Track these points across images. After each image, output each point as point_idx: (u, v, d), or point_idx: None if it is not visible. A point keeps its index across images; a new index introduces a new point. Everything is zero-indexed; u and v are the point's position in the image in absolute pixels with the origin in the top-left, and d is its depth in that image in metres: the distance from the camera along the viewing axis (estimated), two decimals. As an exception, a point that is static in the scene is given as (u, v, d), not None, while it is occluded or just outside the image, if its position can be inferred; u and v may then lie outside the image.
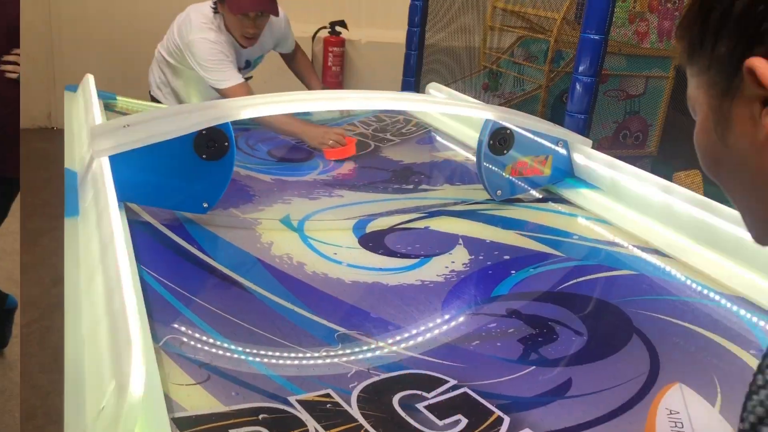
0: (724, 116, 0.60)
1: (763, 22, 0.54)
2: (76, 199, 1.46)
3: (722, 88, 0.59)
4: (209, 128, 1.61)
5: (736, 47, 0.56)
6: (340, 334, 1.30)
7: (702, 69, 0.62)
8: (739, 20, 0.56)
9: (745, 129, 0.57)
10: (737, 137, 0.59)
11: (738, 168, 0.61)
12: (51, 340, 2.72)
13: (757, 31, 0.54)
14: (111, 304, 0.94)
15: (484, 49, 4.64)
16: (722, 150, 0.61)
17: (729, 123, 0.59)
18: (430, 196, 2.09)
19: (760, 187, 0.59)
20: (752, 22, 0.55)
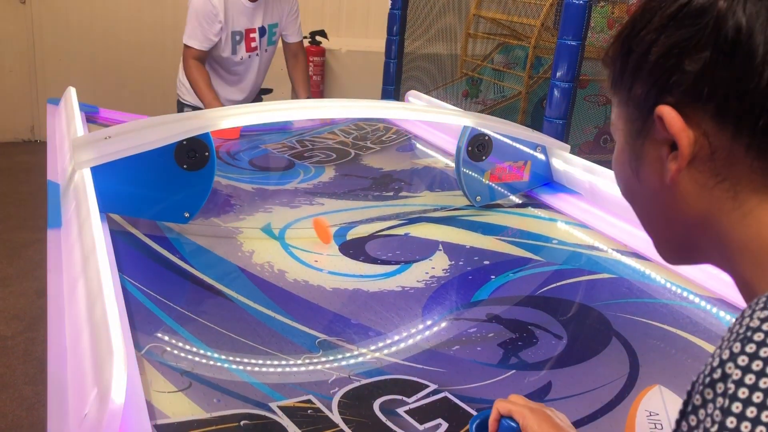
0: (637, 153, 0.64)
1: (673, 75, 0.57)
2: (58, 211, 1.46)
3: (637, 127, 0.63)
4: (190, 138, 1.62)
5: (649, 92, 0.60)
6: (321, 341, 1.32)
7: (622, 102, 0.65)
8: (653, 69, 0.59)
9: (654, 168, 0.62)
10: (648, 174, 0.63)
11: (649, 200, 0.65)
12: (36, 351, 2.71)
13: (667, 82, 0.58)
14: (92, 312, 0.95)
15: (464, 56, 4.67)
16: (635, 182, 0.65)
17: (642, 160, 0.63)
18: (410, 202, 2.11)
19: (670, 218, 0.63)
20: (664, 73, 0.58)
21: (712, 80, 0.56)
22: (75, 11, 5.49)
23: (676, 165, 0.59)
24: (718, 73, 0.55)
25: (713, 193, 0.59)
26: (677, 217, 0.63)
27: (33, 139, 5.70)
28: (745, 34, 0.54)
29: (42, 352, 2.68)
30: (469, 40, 4.64)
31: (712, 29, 0.55)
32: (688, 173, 0.59)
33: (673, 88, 0.58)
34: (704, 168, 0.58)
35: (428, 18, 4.37)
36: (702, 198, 0.59)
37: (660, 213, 0.65)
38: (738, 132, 0.56)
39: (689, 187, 0.60)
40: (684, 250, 0.66)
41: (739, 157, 0.56)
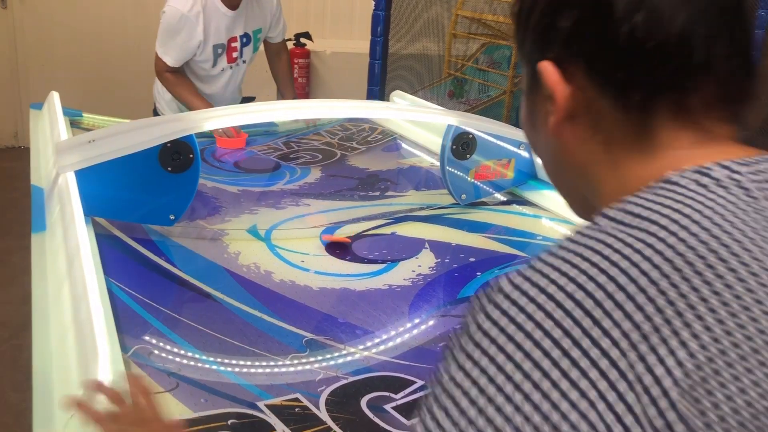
0: (532, 107, 0.66)
1: (551, 32, 0.60)
2: (42, 215, 1.46)
3: (531, 81, 0.65)
4: (174, 141, 1.62)
5: (533, 48, 0.63)
6: (308, 340, 1.32)
7: (520, 59, 0.67)
8: (535, 26, 0.63)
9: (544, 121, 0.64)
10: (541, 126, 0.65)
11: (545, 152, 0.68)
12: (22, 358, 2.69)
13: (546, 38, 0.61)
14: (78, 315, 0.95)
15: (449, 57, 4.67)
16: (534, 134, 0.68)
17: (535, 113, 0.66)
18: (396, 202, 2.11)
19: (563, 169, 0.66)
20: (543, 30, 0.61)
21: (581, 36, 0.59)
22: (58, 16, 5.47)
23: (555, 117, 0.61)
24: (586, 29, 0.58)
25: (590, 145, 0.61)
26: (568, 168, 0.65)
27: (16, 146, 5.67)
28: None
29: (29, 359, 2.67)
30: (454, 40, 4.65)
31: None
32: (569, 126, 0.61)
33: (551, 45, 0.60)
34: (583, 121, 0.61)
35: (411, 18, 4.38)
36: (582, 150, 0.62)
37: (555, 164, 0.68)
38: (604, 86, 0.58)
39: (571, 139, 0.62)
40: (579, 200, 0.68)
41: (608, 110, 0.59)
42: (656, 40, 0.56)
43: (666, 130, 0.58)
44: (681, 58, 0.57)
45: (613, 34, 0.56)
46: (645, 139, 0.59)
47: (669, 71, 0.57)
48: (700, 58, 0.57)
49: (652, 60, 0.57)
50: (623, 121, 0.59)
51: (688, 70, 0.57)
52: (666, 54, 0.56)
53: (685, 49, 0.56)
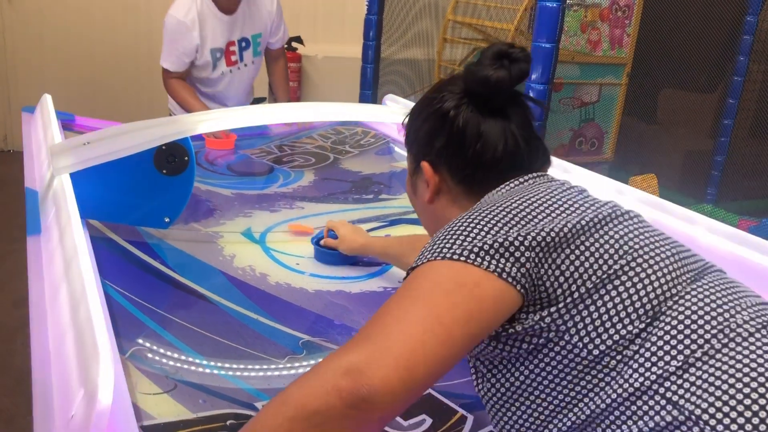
0: (415, 184, 1.12)
1: (429, 146, 1.06)
2: (37, 218, 1.46)
3: (413, 169, 1.11)
4: (169, 143, 1.62)
5: (418, 151, 1.09)
6: (304, 342, 1.32)
7: (408, 154, 1.14)
8: (420, 141, 1.09)
9: (422, 193, 1.09)
10: (420, 197, 1.11)
11: (423, 210, 1.14)
12: (14, 363, 2.69)
13: (426, 149, 1.07)
14: (76, 315, 0.95)
15: (440, 61, 4.69)
16: (415, 198, 1.15)
17: (416, 188, 1.12)
18: (390, 205, 2.12)
19: (432, 219, 1.12)
20: (424, 144, 1.08)
21: (446, 152, 1.04)
22: (47, 18, 5.46)
23: (429, 194, 1.07)
24: (450, 149, 1.04)
25: (451, 208, 1.06)
26: (436, 219, 1.07)
27: (6, 149, 5.65)
28: (461, 130, 1.02)
29: (21, 363, 2.66)
30: (445, 44, 4.67)
31: (448, 126, 1.03)
32: (438, 198, 1.07)
33: (430, 152, 1.06)
34: (445, 196, 1.07)
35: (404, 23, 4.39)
36: (446, 211, 1.06)
37: (427, 216, 1.13)
38: (458, 178, 1.05)
39: (438, 205, 1.08)
40: None
41: (460, 192, 1.05)
42: (488, 157, 1.01)
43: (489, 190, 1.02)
44: (504, 164, 1.02)
45: (463, 152, 1.02)
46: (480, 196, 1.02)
47: (498, 171, 1.01)
48: (516, 162, 1.02)
49: (486, 168, 1.02)
50: (469, 192, 1.04)
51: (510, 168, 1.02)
52: (495, 164, 1.01)
53: (506, 159, 1.01)
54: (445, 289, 0.80)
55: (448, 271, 0.82)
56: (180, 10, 2.73)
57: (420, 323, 0.76)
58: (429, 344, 0.75)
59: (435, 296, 0.80)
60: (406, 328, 0.76)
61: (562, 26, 2.54)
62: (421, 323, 0.76)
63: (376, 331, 0.77)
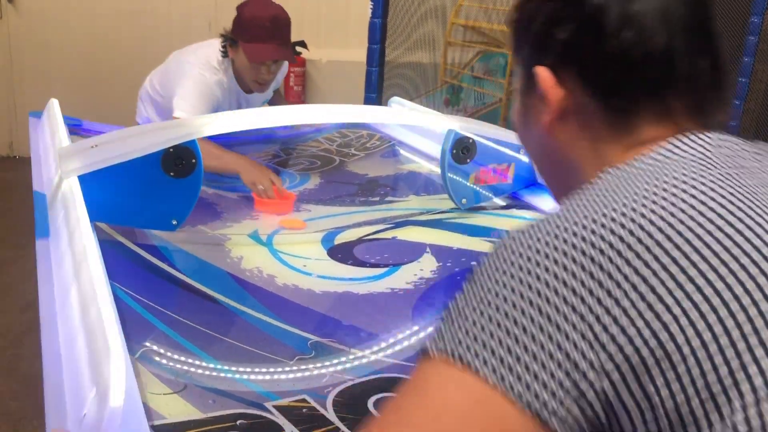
0: (526, 106, 0.76)
1: (548, 41, 0.71)
2: (46, 221, 1.46)
3: (525, 84, 0.75)
4: (176, 146, 1.63)
5: (531, 54, 0.73)
6: (313, 342, 1.33)
7: (516, 62, 0.78)
8: (534, 35, 0.73)
9: (537, 119, 0.74)
10: (533, 124, 0.75)
11: (537, 147, 0.79)
12: (21, 367, 2.69)
13: (544, 47, 0.72)
14: (87, 315, 0.95)
15: (444, 65, 4.70)
16: (526, 131, 0.78)
17: (529, 112, 0.76)
18: (396, 207, 2.12)
19: (553, 162, 0.76)
20: (541, 39, 0.72)
21: (576, 47, 0.69)
22: (53, 25, 5.47)
23: (548, 116, 0.72)
24: (580, 41, 0.69)
25: (580, 143, 0.71)
26: (557, 164, 0.75)
27: (11, 155, 5.66)
28: (599, 10, 0.67)
29: (28, 368, 2.67)
30: (449, 48, 4.68)
31: (578, 5, 0.69)
32: (561, 125, 0.72)
33: (548, 52, 0.71)
34: (573, 121, 0.71)
35: (408, 26, 4.40)
36: (573, 147, 0.72)
37: (545, 158, 0.78)
38: (594, 91, 0.69)
39: (562, 137, 0.72)
40: (566, 192, 0.73)
41: (596, 111, 0.69)
42: (641, 53, 0.66)
43: (648, 129, 0.68)
44: (662, 69, 0.67)
45: (604, 47, 0.67)
46: (628, 136, 0.68)
47: (652, 80, 0.67)
48: (679, 70, 0.67)
49: (637, 70, 0.67)
50: (610, 121, 0.69)
51: (669, 80, 0.67)
52: (649, 66, 0.66)
53: (667, 62, 0.67)
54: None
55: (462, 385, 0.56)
56: (208, 72, 2.49)
57: None
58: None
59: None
60: None
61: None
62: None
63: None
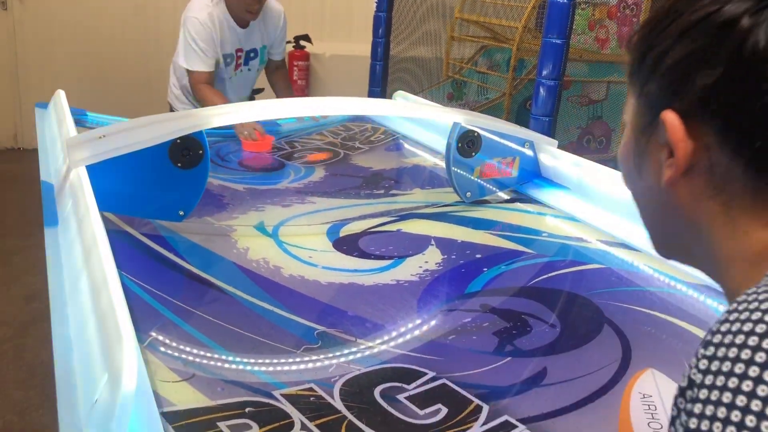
0: (641, 148, 0.65)
1: (685, 84, 0.58)
2: (54, 210, 1.47)
3: (644, 123, 0.64)
4: (183, 137, 1.63)
5: (660, 94, 0.61)
6: (319, 332, 1.33)
7: (634, 94, 0.66)
8: (667, 72, 0.60)
9: (654, 168, 0.63)
10: (648, 171, 0.65)
11: (647, 195, 0.68)
12: (26, 357, 2.70)
13: (678, 89, 0.59)
14: (98, 302, 0.96)
15: (448, 59, 4.70)
16: (636, 175, 0.68)
17: (644, 156, 0.65)
18: (400, 200, 2.13)
19: (664, 217, 0.66)
20: (676, 79, 0.59)
21: (721, 97, 0.56)
22: (57, 18, 5.48)
23: (672, 172, 0.61)
24: (729, 91, 0.56)
25: (708, 204, 0.60)
26: (671, 219, 0.65)
27: (16, 147, 5.68)
28: (761, 55, 0.54)
29: (33, 358, 2.68)
30: (453, 42, 4.68)
31: (730, 46, 0.55)
32: (685, 181, 0.60)
33: (682, 96, 0.59)
34: (701, 179, 0.59)
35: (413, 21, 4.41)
36: (696, 207, 0.61)
37: (655, 210, 0.68)
38: (738, 151, 0.57)
39: (685, 194, 0.61)
40: (675, 249, 0.69)
41: (737, 175, 0.57)
42: None
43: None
44: None
45: (758, 100, 0.54)
46: None
47: None
48: None
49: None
50: (753, 189, 0.57)
51: None
52: None
53: None
54: None
55: None
56: (201, 12, 2.82)
57: None
58: None
59: None
60: None
61: (572, 22, 2.55)
62: None
63: None
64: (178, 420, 1.01)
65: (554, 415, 1.14)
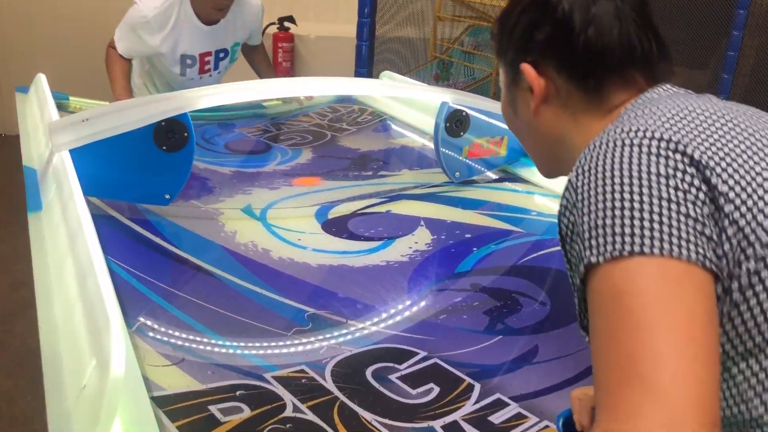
0: (513, 97, 0.94)
1: (529, 43, 0.87)
2: (38, 195, 1.45)
3: (511, 78, 0.93)
4: (168, 119, 1.61)
5: (516, 54, 0.90)
6: (310, 314, 1.32)
7: (502, 64, 0.95)
8: (517, 40, 0.90)
9: (524, 106, 0.91)
10: (521, 111, 0.93)
11: (524, 129, 0.95)
12: (12, 344, 2.68)
13: (525, 48, 0.88)
14: (84, 287, 0.94)
15: (434, 40, 4.67)
16: (514, 117, 0.96)
17: (516, 101, 0.93)
18: (389, 181, 2.11)
19: (539, 139, 0.93)
20: (523, 42, 0.88)
21: (552, 45, 0.86)
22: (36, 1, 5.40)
23: (535, 102, 0.88)
24: (555, 40, 0.85)
25: (562, 119, 0.88)
26: (544, 141, 0.92)
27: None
28: (568, 14, 0.84)
29: (20, 345, 2.66)
30: (439, 22, 4.65)
31: (550, 13, 0.85)
32: (545, 108, 0.88)
33: (529, 52, 0.88)
34: (554, 103, 0.88)
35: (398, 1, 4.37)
36: (557, 124, 0.88)
37: (532, 137, 0.94)
38: (570, 77, 0.85)
39: (547, 117, 0.89)
40: (553, 165, 0.95)
41: (573, 92, 0.86)
42: (603, 43, 0.83)
43: (617, 95, 0.84)
44: (621, 52, 0.84)
45: (574, 43, 0.84)
46: (602, 105, 0.85)
47: (614, 61, 0.84)
48: (634, 51, 0.84)
49: (601, 56, 0.84)
50: (586, 97, 0.86)
51: (627, 59, 0.84)
52: (610, 51, 0.83)
53: (623, 47, 0.84)
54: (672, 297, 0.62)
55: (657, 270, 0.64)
56: (150, 5, 2.46)
57: (678, 356, 0.60)
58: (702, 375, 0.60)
59: (671, 312, 0.62)
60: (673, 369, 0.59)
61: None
62: (679, 355, 0.60)
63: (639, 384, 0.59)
64: (168, 404, 1.00)
65: (546, 393, 1.14)
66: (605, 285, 0.65)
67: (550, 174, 0.98)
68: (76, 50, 5.52)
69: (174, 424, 0.97)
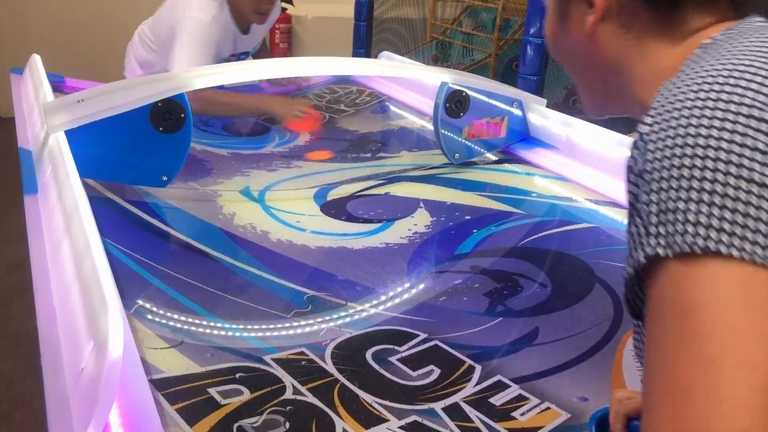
0: (564, 13, 0.77)
1: None
2: (33, 177, 1.44)
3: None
4: (164, 100, 1.60)
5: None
6: (309, 296, 1.32)
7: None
8: None
9: (577, 23, 0.75)
10: (572, 29, 0.76)
11: (574, 51, 0.79)
12: (11, 327, 2.67)
13: None
14: (81, 269, 0.93)
15: (433, 20, 4.64)
16: (563, 38, 0.79)
17: (567, 18, 0.77)
18: (388, 163, 2.10)
19: (591, 64, 0.77)
20: None
21: None
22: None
23: (593, 17, 0.73)
24: None
25: (623, 41, 0.73)
26: (596, 63, 0.76)
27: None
28: None
29: (18, 327, 2.65)
30: (438, 3, 4.61)
31: None
32: (603, 26, 0.73)
33: None
34: (615, 21, 0.72)
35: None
36: (614, 45, 0.73)
37: (583, 61, 0.78)
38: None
39: (605, 36, 0.74)
40: (604, 97, 0.80)
41: (639, 10, 0.70)
42: None
43: (694, 18, 0.69)
44: None
45: None
46: (676, 28, 0.69)
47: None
48: None
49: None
50: (656, 16, 0.70)
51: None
52: None
53: None
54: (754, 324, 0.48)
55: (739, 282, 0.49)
56: (203, 15, 2.38)
57: (748, 408, 0.47)
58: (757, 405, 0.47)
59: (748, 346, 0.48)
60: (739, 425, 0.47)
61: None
62: (749, 407, 0.47)
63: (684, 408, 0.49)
64: (167, 387, 0.99)
65: (547, 374, 1.14)
66: (670, 290, 0.51)
67: (598, 111, 0.83)
68: (72, 32, 5.49)
69: (173, 406, 0.96)
